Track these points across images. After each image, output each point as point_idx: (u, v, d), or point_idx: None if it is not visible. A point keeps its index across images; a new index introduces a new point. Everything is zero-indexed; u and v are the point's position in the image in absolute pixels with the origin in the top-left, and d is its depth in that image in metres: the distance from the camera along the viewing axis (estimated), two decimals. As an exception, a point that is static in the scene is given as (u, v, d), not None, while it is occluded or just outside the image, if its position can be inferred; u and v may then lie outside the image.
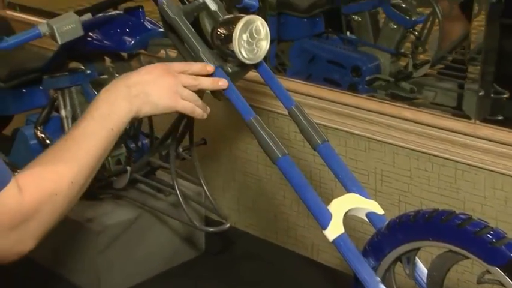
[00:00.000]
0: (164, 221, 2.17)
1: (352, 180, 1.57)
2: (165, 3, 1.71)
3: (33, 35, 1.73)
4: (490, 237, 1.22)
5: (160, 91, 1.39)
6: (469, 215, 1.29)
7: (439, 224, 1.30)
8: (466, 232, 1.25)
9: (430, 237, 1.32)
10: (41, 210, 1.25)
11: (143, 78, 1.39)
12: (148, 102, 1.37)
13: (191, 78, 1.47)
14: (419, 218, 1.34)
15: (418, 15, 2.55)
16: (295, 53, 2.74)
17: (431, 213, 1.33)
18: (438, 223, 1.30)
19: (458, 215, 1.29)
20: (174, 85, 1.42)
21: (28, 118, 2.32)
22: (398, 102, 2.30)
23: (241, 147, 2.60)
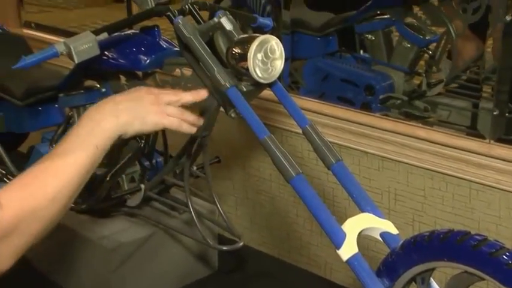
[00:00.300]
0: (177, 239, 2.16)
1: (366, 200, 1.57)
2: (180, 23, 1.73)
3: (50, 54, 1.74)
4: (506, 259, 1.21)
5: (147, 107, 1.40)
6: (485, 235, 1.28)
7: (455, 245, 1.29)
8: (481, 253, 1.24)
9: (445, 257, 1.31)
10: (21, 227, 1.24)
11: (130, 96, 1.41)
12: (136, 118, 1.38)
13: (172, 94, 1.47)
14: (434, 238, 1.34)
15: (431, 34, 2.55)
16: (308, 72, 2.75)
17: (446, 234, 1.32)
18: (453, 244, 1.29)
19: (473, 236, 1.28)
20: (157, 103, 1.42)
21: (43, 136, 2.33)
22: (412, 121, 2.30)
23: (255, 165, 2.60)
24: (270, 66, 1.64)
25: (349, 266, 1.45)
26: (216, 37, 1.87)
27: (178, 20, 1.73)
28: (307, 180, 1.56)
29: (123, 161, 2.07)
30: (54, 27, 3.37)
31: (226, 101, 1.71)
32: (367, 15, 2.68)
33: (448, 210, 2.14)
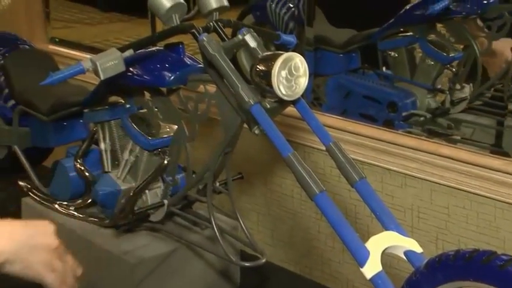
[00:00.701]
0: (200, 254, 2.16)
1: (390, 218, 1.57)
2: (205, 40, 1.75)
3: (77, 71, 1.77)
4: (533, 279, 1.21)
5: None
6: (511, 255, 1.27)
7: (480, 265, 1.28)
8: (508, 273, 1.24)
9: (470, 277, 1.30)
10: None
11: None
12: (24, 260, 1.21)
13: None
14: (459, 258, 1.33)
15: (455, 52, 2.54)
16: (331, 88, 2.75)
17: (472, 253, 1.31)
18: (479, 263, 1.28)
19: (499, 256, 1.28)
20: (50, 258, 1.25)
21: (68, 150, 2.35)
22: (435, 138, 2.29)
23: (277, 181, 2.60)
24: (294, 84, 1.65)
25: (373, 284, 1.45)
26: (239, 54, 1.88)
27: (203, 37, 1.75)
28: (330, 197, 1.57)
29: (146, 177, 2.08)
30: (79, 43, 3.40)
31: (250, 117, 1.72)
32: (390, 33, 2.68)
33: (472, 229, 2.12)
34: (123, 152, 2.18)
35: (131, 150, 2.16)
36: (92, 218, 2.23)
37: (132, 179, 2.17)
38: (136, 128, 2.12)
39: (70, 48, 3.27)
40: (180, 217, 2.17)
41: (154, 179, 2.10)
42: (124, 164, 2.18)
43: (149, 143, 2.09)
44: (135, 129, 2.11)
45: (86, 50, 3.29)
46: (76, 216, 2.26)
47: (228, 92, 1.77)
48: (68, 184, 2.28)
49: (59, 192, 2.33)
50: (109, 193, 2.17)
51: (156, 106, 2.05)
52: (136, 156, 2.15)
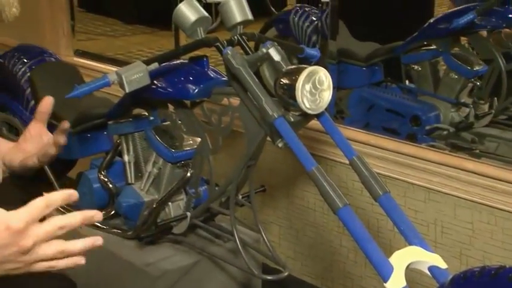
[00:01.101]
0: (222, 267, 2.16)
1: (413, 233, 1.55)
2: (229, 54, 1.75)
3: (102, 84, 1.78)
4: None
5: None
6: (539, 272, 1.25)
7: (506, 282, 1.26)
8: (534, 291, 1.22)
9: (496, 294, 1.28)
10: None
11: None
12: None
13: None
14: (484, 274, 1.31)
15: (479, 66, 2.53)
16: (354, 101, 2.74)
17: (498, 270, 1.29)
18: (505, 281, 1.26)
19: (526, 273, 1.26)
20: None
21: (92, 162, 2.36)
22: (459, 152, 2.28)
23: (299, 194, 2.59)
24: (318, 97, 1.65)
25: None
26: (262, 67, 1.88)
27: (228, 51, 1.76)
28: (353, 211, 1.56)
29: (169, 189, 2.08)
30: (102, 55, 3.43)
31: (273, 130, 1.73)
32: (414, 46, 2.67)
33: (497, 245, 2.10)
34: (147, 164, 2.19)
35: (154, 163, 2.16)
36: (115, 230, 2.24)
37: (155, 191, 2.18)
38: (160, 140, 2.12)
39: (94, 60, 3.29)
40: (203, 229, 2.17)
41: (177, 191, 2.10)
42: (147, 176, 2.18)
43: (172, 156, 2.10)
44: (158, 141, 2.12)
45: (110, 62, 3.32)
46: (99, 227, 2.26)
47: (251, 105, 1.78)
48: (92, 195, 2.30)
49: (82, 203, 2.32)
50: (132, 205, 2.18)
51: (180, 119, 2.06)
52: (159, 168, 2.15)
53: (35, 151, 1.62)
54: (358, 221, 1.54)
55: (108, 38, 5.54)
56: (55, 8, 3.29)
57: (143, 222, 2.11)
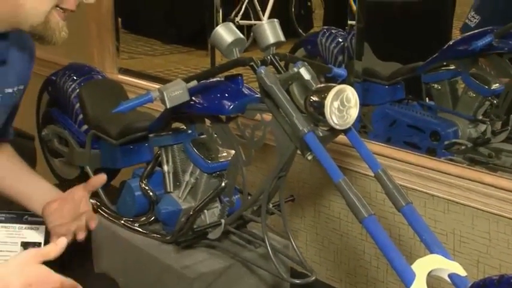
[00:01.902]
0: (253, 271, 2.15)
1: (435, 242, 1.54)
2: (263, 73, 1.75)
3: (145, 100, 1.79)
4: None
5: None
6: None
7: (524, 290, 1.25)
8: (551, 299, 1.20)
9: (514, 302, 1.27)
10: None
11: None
12: None
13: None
14: (503, 283, 1.29)
15: (496, 85, 2.51)
16: (377, 117, 2.73)
17: (516, 278, 1.28)
18: (523, 288, 1.25)
19: (542, 281, 1.24)
20: None
21: (134, 172, 2.37)
22: (477, 166, 2.25)
23: (325, 203, 2.58)
24: (346, 114, 1.64)
25: (419, 305, 1.42)
26: (292, 85, 1.88)
27: (261, 70, 1.76)
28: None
29: (205, 198, 2.08)
30: (143, 73, 3.46)
31: (303, 144, 1.72)
32: (434, 66, 2.66)
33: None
34: (184, 174, 2.19)
35: (192, 173, 2.17)
36: (155, 234, 2.24)
37: (192, 199, 2.18)
38: (197, 152, 2.12)
39: (136, 78, 3.32)
40: (236, 235, 2.16)
41: (213, 200, 2.10)
42: (185, 185, 2.19)
43: (208, 167, 2.10)
44: (195, 153, 2.12)
45: (150, 79, 3.34)
46: (140, 232, 2.27)
47: (283, 120, 1.77)
48: (134, 202, 2.30)
49: (125, 209, 2.35)
50: (171, 212, 2.17)
51: (216, 132, 2.06)
52: (196, 178, 2.16)
53: (69, 218, 1.58)
54: (382, 229, 1.53)
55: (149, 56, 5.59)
56: (102, 30, 3.32)
57: (181, 228, 2.12)
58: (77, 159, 2.62)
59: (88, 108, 2.49)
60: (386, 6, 2.97)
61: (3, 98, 1.47)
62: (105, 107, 2.41)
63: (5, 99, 1.48)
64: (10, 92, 1.49)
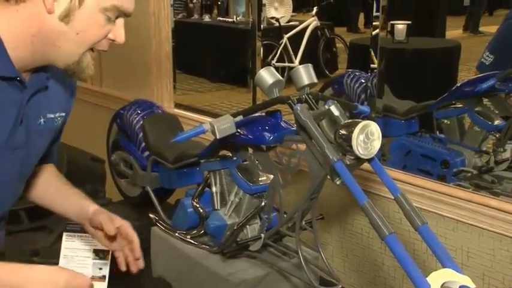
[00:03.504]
0: (287, 278, 2.13)
1: (447, 257, 1.51)
2: (298, 109, 1.75)
3: (199, 131, 1.80)
4: None
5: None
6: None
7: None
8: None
9: (519, 312, 1.23)
10: None
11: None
12: None
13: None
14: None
15: (499, 121, 2.48)
16: (394, 148, 2.71)
17: (520, 291, 1.25)
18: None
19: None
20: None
21: (187, 191, 2.38)
22: (482, 191, 2.22)
23: (350, 221, 2.56)
24: (370, 146, 1.63)
25: (433, 313, 1.39)
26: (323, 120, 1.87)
27: (297, 107, 1.76)
28: (396, 237, 1.53)
29: (247, 215, 2.08)
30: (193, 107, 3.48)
31: (332, 171, 1.71)
32: (444, 104, 2.64)
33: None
34: (230, 195, 2.19)
35: (236, 193, 2.17)
36: (204, 245, 2.24)
37: (236, 216, 2.17)
38: (241, 176, 2.12)
39: (188, 111, 3.35)
40: (273, 248, 2.15)
41: (254, 217, 2.10)
42: (230, 204, 2.18)
43: (251, 189, 2.10)
44: (240, 177, 2.12)
45: (199, 112, 3.35)
46: (191, 243, 2.27)
47: (315, 150, 1.77)
48: (186, 218, 2.31)
49: (179, 223, 2.36)
50: (218, 226, 2.17)
51: (257, 159, 2.06)
52: (240, 198, 2.15)
53: (116, 245, 1.53)
54: (401, 246, 1.51)
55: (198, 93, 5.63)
56: (162, 71, 3.37)
57: (226, 240, 2.11)
58: (139, 180, 2.65)
59: (149, 138, 2.52)
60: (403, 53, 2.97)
61: (46, 123, 1.41)
62: (163, 136, 2.44)
63: (48, 123, 1.42)
64: (52, 117, 1.43)
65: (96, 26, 1.26)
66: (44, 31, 1.24)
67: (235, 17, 6.25)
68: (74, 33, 1.25)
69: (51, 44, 1.26)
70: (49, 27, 1.24)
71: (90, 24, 1.25)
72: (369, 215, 1.55)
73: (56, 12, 1.23)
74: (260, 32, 3.03)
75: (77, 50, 1.27)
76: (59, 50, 1.27)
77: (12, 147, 1.33)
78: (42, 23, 1.24)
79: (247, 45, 3.07)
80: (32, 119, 1.36)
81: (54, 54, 1.28)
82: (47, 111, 1.41)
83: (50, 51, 1.27)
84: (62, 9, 1.23)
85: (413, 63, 3.08)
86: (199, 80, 5.86)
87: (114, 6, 1.25)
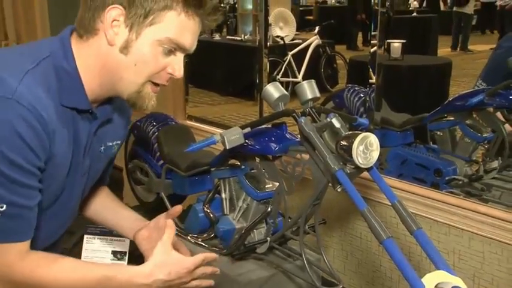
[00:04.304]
0: (292, 279, 2.13)
1: (441, 260, 1.50)
2: (302, 122, 1.75)
3: (210, 142, 1.81)
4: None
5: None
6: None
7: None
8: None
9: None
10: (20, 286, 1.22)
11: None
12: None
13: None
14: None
15: (488, 133, 2.48)
16: (391, 157, 2.71)
17: (508, 292, 1.25)
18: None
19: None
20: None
21: (198, 198, 2.38)
22: (473, 198, 2.21)
23: (350, 226, 2.56)
24: (369, 156, 1.63)
25: (427, 311, 1.38)
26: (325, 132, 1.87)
27: (301, 120, 1.76)
28: (393, 241, 1.53)
29: (255, 220, 2.08)
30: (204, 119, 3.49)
31: (334, 179, 1.71)
32: (437, 117, 2.64)
33: (503, 271, 2.02)
34: (238, 201, 2.19)
35: (244, 200, 2.17)
36: (214, 248, 2.24)
37: (244, 220, 2.17)
38: (249, 183, 2.12)
39: (199, 123, 3.36)
40: (278, 250, 2.14)
41: (260, 222, 2.10)
42: (238, 209, 2.19)
43: (258, 195, 2.10)
44: (247, 184, 2.12)
45: (210, 123, 3.36)
46: (202, 245, 2.27)
47: (318, 159, 1.77)
48: (198, 222, 2.31)
49: (190, 227, 2.36)
50: (227, 230, 2.17)
51: (264, 168, 2.06)
52: (247, 204, 2.15)
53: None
54: (398, 249, 1.50)
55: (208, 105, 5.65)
56: (175, 86, 3.39)
57: (234, 243, 2.11)
58: (154, 187, 2.65)
59: (164, 147, 2.52)
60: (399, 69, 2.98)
61: (105, 150, 1.44)
62: (177, 146, 2.44)
63: (107, 151, 1.45)
64: (110, 145, 1.46)
65: (153, 58, 1.26)
66: (109, 63, 1.26)
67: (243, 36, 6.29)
68: (133, 63, 1.25)
69: (115, 75, 1.27)
70: (112, 58, 1.26)
71: (147, 56, 1.25)
72: (367, 220, 1.54)
73: (117, 44, 1.24)
74: (266, 50, 3.05)
75: (136, 80, 1.27)
76: (121, 81, 1.28)
77: (81, 173, 1.37)
78: (107, 55, 1.26)
79: (254, 62, 3.08)
80: (95, 147, 1.39)
81: (117, 85, 1.29)
82: (107, 140, 1.44)
83: (114, 82, 1.28)
84: (122, 41, 1.24)
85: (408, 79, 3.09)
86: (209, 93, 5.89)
87: (169, 40, 1.25)
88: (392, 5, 2.49)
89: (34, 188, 1.21)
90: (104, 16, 1.23)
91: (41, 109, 1.16)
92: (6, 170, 1.14)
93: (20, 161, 1.15)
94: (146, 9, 1.22)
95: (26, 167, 1.16)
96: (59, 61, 1.25)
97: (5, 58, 1.25)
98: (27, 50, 1.29)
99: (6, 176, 1.14)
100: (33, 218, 1.23)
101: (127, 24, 1.23)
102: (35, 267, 1.23)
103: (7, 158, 1.13)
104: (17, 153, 1.14)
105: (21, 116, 1.13)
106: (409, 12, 5.30)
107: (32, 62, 1.22)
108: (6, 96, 1.13)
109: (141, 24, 1.23)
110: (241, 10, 6.92)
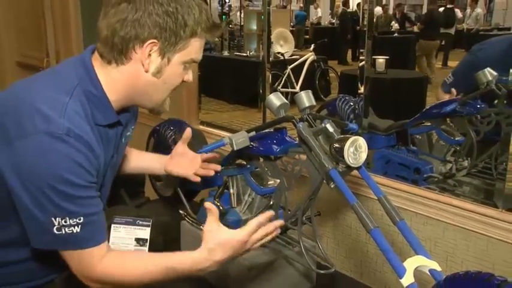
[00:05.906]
0: (291, 263, 2.14)
1: (420, 247, 1.52)
2: (301, 127, 1.77)
3: (220, 144, 1.83)
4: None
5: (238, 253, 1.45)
6: (505, 278, 1.21)
7: (483, 283, 1.22)
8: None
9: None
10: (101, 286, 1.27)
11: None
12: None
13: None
14: (468, 277, 1.27)
15: (459, 137, 2.49)
16: (376, 158, 2.72)
17: (477, 274, 1.26)
18: (482, 282, 1.22)
19: (496, 277, 1.21)
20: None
21: (210, 192, 2.39)
22: (446, 193, 2.22)
23: (341, 217, 2.57)
24: (358, 156, 1.65)
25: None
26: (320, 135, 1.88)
27: (300, 125, 1.78)
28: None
29: (258, 212, 2.10)
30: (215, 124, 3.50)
31: (327, 177, 1.72)
32: (416, 123, 2.65)
33: (471, 255, 2.03)
34: (244, 195, 2.20)
35: (249, 194, 2.18)
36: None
37: (249, 212, 2.19)
38: (253, 180, 2.14)
39: (210, 127, 3.37)
40: (279, 239, 2.16)
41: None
42: (244, 203, 2.20)
43: (261, 190, 2.11)
44: (252, 181, 2.14)
45: (219, 128, 3.36)
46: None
47: (314, 160, 1.78)
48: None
49: (203, 218, 2.34)
50: (234, 221, 2.18)
51: (267, 167, 2.08)
52: (252, 198, 2.17)
53: (187, 164, 1.84)
54: (383, 237, 1.52)
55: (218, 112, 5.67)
56: (190, 95, 3.40)
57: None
58: (171, 183, 2.64)
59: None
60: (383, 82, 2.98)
61: (125, 139, 1.56)
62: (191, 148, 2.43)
63: (127, 139, 1.58)
64: (128, 134, 1.58)
65: (178, 75, 1.36)
66: (139, 84, 1.33)
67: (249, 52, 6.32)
68: (163, 83, 1.34)
69: (144, 93, 1.35)
70: (143, 81, 1.32)
71: (174, 75, 1.35)
72: (357, 212, 1.56)
73: (150, 70, 1.30)
74: (269, 64, 3.07)
75: (164, 95, 1.39)
76: (150, 97, 1.37)
77: (112, 168, 1.49)
78: (138, 78, 1.32)
79: (258, 75, 3.10)
80: (119, 143, 1.49)
81: (144, 101, 1.38)
82: (126, 132, 1.54)
83: (141, 98, 1.37)
84: (155, 68, 1.31)
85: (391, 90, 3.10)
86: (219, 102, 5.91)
87: (192, 59, 1.35)
88: (377, 27, 2.50)
89: (95, 197, 1.30)
90: (142, 49, 1.27)
91: (85, 136, 1.24)
92: (76, 193, 1.22)
93: (82, 183, 1.24)
94: (177, 38, 1.28)
95: (87, 185, 1.26)
96: (87, 87, 1.29)
97: (41, 91, 1.26)
98: (57, 80, 1.30)
99: (76, 196, 1.23)
100: (103, 221, 1.30)
101: (159, 53, 1.29)
102: (112, 266, 1.28)
103: (72, 183, 1.22)
104: (79, 178, 1.23)
105: (74, 147, 1.21)
106: (391, 32, 5.34)
107: (66, 93, 1.26)
108: (58, 132, 1.19)
109: (171, 51, 1.30)
110: (247, 30, 6.95)
